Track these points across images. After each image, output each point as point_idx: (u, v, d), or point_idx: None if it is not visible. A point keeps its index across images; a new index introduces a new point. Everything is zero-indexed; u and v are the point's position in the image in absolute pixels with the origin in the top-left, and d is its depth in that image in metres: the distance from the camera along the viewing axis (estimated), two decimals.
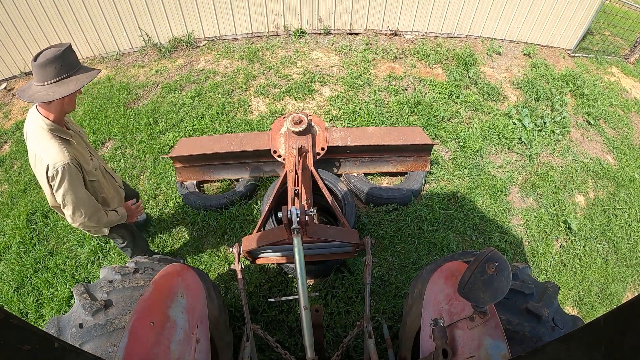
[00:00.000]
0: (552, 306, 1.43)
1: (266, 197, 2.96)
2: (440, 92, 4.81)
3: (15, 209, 3.65)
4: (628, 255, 3.69)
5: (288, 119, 2.95)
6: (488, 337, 1.25)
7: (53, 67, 1.77)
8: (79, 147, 2.09)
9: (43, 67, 1.76)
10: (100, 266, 3.15)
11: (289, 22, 5.63)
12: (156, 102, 4.61)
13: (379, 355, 1.99)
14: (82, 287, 1.48)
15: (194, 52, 5.46)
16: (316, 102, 4.63)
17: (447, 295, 1.54)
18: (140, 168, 3.90)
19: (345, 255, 2.58)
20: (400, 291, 2.96)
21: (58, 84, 1.81)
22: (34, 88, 1.81)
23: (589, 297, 3.34)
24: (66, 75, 1.83)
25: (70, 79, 1.85)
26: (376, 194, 3.36)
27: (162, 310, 1.38)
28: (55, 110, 1.91)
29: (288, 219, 1.87)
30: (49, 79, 1.79)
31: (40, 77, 1.79)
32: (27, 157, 4.14)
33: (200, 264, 3.13)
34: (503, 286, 1.15)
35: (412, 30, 5.88)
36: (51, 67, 1.77)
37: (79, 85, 1.84)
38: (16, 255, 3.27)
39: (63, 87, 1.82)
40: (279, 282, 2.98)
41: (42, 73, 1.78)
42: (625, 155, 4.63)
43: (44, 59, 1.76)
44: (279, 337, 2.68)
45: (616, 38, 6.88)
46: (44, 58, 1.77)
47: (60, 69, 1.80)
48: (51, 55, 1.77)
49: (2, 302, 3.01)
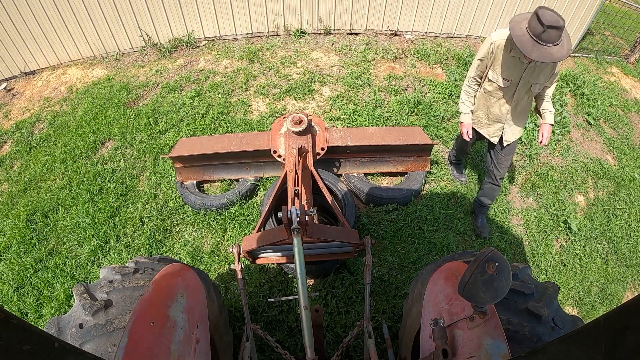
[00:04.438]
0: (552, 306, 1.43)
1: (266, 197, 2.96)
2: (441, 92, 4.81)
3: (15, 209, 3.65)
4: (628, 255, 3.69)
5: (288, 119, 2.95)
6: (488, 337, 1.25)
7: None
8: None
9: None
10: (100, 266, 3.15)
11: (289, 22, 5.63)
12: (156, 102, 4.61)
13: (379, 355, 1.99)
14: (82, 287, 1.48)
15: (194, 52, 5.46)
16: (316, 102, 4.63)
17: (447, 295, 1.54)
18: (140, 168, 3.90)
19: (345, 255, 2.58)
20: (400, 291, 2.96)
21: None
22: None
23: (589, 297, 3.34)
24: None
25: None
26: (376, 194, 3.36)
27: (162, 310, 1.38)
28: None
29: (288, 219, 1.87)
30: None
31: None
32: (27, 157, 4.17)
33: (200, 264, 3.13)
34: (503, 286, 1.15)
35: (412, 30, 5.88)
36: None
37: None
38: (16, 255, 3.27)
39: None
40: (279, 282, 2.98)
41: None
42: (625, 155, 4.63)
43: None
44: (279, 337, 2.68)
45: (616, 38, 6.88)
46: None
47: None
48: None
49: (2, 302, 3.01)
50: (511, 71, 2.53)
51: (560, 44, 2.18)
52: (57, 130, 4.46)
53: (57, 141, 4.30)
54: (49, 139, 4.37)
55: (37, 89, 5.19)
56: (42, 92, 5.12)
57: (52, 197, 3.69)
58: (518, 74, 2.52)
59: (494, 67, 2.61)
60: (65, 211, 3.56)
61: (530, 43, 2.20)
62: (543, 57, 2.18)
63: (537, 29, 2.15)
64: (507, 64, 2.52)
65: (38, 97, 5.06)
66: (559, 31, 2.12)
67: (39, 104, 4.94)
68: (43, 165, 4.04)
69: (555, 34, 2.13)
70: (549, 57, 2.17)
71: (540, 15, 2.13)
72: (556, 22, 2.10)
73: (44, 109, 4.85)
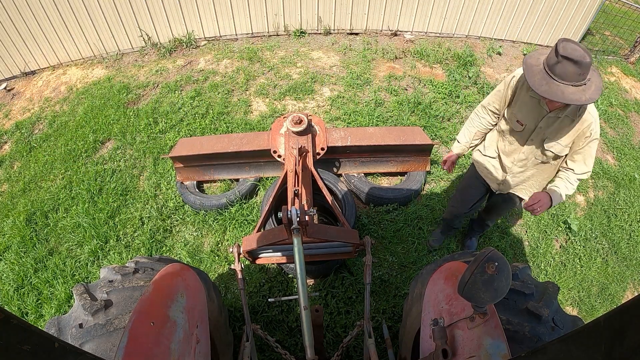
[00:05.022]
0: (552, 306, 1.43)
1: (266, 197, 2.96)
2: (440, 92, 4.81)
3: (15, 209, 3.65)
4: (628, 255, 3.69)
5: (288, 119, 2.95)
6: (488, 337, 1.25)
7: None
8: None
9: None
10: (100, 266, 3.15)
11: (289, 22, 5.63)
12: (156, 102, 4.61)
13: (379, 355, 1.99)
14: (82, 287, 1.48)
15: (194, 52, 5.46)
16: (316, 102, 4.63)
17: (447, 295, 1.54)
18: (140, 168, 3.90)
19: (345, 255, 2.58)
20: (400, 291, 2.96)
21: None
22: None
23: (589, 297, 3.33)
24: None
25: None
26: (376, 194, 3.36)
27: (162, 310, 1.38)
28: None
29: (288, 219, 1.87)
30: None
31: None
32: (27, 157, 4.17)
33: (200, 264, 3.13)
34: (503, 286, 1.15)
35: (412, 30, 5.88)
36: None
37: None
38: (16, 255, 3.27)
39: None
40: (279, 282, 2.98)
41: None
42: (625, 155, 4.63)
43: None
44: (279, 337, 2.68)
45: (616, 38, 6.87)
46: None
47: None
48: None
49: (2, 302, 3.00)
50: (527, 115, 2.05)
51: (582, 87, 1.70)
52: (57, 130, 4.46)
53: (57, 141, 4.30)
54: (49, 139, 4.37)
55: (37, 89, 5.19)
56: (42, 92, 5.12)
57: (52, 197, 3.69)
58: (535, 120, 2.03)
59: (512, 104, 2.14)
60: (65, 211, 3.56)
61: (540, 74, 1.77)
62: (550, 94, 1.73)
63: (551, 60, 1.74)
64: (525, 104, 2.04)
65: (38, 97, 5.06)
66: (578, 68, 1.66)
67: (39, 104, 4.93)
68: (43, 165, 4.04)
69: (573, 69, 1.67)
70: (559, 95, 1.71)
71: (559, 44, 1.70)
72: (577, 55, 1.65)
73: (44, 109, 4.85)
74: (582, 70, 1.67)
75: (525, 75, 1.82)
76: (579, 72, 1.68)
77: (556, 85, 1.73)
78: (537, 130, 2.06)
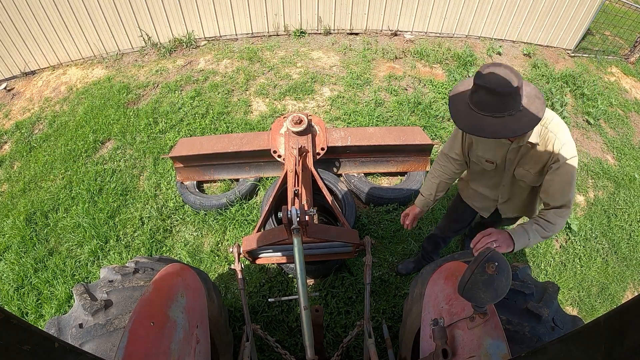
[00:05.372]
0: (552, 306, 1.43)
1: (266, 197, 2.96)
2: (441, 92, 4.81)
3: (15, 209, 3.65)
4: (628, 255, 3.69)
5: (288, 119, 2.95)
6: (488, 337, 1.25)
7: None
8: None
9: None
10: (100, 266, 3.15)
11: (289, 22, 5.63)
12: (156, 102, 4.61)
13: (379, 355, 1.99)
14: (82, 287, 1.48)
15: (194, 52, 5.46)
16: (316, 102, 4.63)
17: (447, 295, 1.54)
18: (140, 168, 3.90)
19: (345, 255, 2.58)
20: (400, 291, 2.96)
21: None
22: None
23: (589, 297, 3.33)
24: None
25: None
26: (376, 194, 3.36)
27: (162, 310, 1.38)
28: None
29: (288, 219, 1.87)
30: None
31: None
32: (27, 157, 4.17)
33: (200, 264, 3.13)
34: (503, 286, 1.15)
35: (412, 30, 5.88)
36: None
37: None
38: (16, 255, 3.27)
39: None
40: (279, 282, 2.98)
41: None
42: (625, 155, 4.63)
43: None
44: (279, 337, 2.68)
45: (616, 38, 6.87)
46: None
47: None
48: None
49: (2, 302, 3.01)
50: (493, 152, 1.82)
51: (507, 118, 1.45)
52: (57, 130, 4.46)
53: (57, 141, 4.30)
54: (49, 139, 4.37)
55: (37, 89, 5.19)
56: (42, 92, 5.12)
57: (52, 197, 3.69)
58: (501, 155, 1.79)
59: (474, 146, 1.90)
60: (65, 211, 3.56)
61: (463, 104, 1.53)
62: (468, 126, 1.51)
63: (471, 88, 1.50)
64: (486, 142, 1.81)
65: (38, 97, 5.06)
66: (496, 97, 1.41)
67: (39, 104, 4.93)
68: (43, 165, 4.04)
69: (490, 99, 1.42)
70: (477, 128, 1.48)
71: (480, 69, 1.47)
72: (495, 83, 1.39)
73: (44, 109, 4.85)
74: (502, 100, 1.41)
75: (449, 105, 1.60)
76: (498, 102, 1.42)
77: (475, 117, 1.49)
78: (507, 164, 1.83)
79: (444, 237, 2.70)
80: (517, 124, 1.44)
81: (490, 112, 1.45)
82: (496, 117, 1.45)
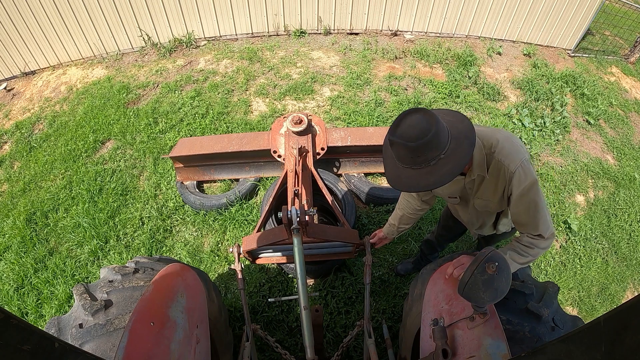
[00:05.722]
0: (552, 306, 1.43)
1: (266, 197, 2.96)
2: (440, 92, 4.81)
3: (15, 209, 3.65)
4: (628, 255, 3.69)
5: (288, 119, 2.95)
6: (488, 337, 1.25)
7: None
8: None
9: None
10: (100, 266, 3.15)
11: (289, 22, 5.63)
12: (156, 102, 4.61)
13: (379, 355, 1.99)
14: (82, 287, 1.48)
15: (194, 52, 5.46)
16: (316, 102, 4.63)
17: (447, 295, 1.54)
18: (140, 168, 3.90)
19: (345, 255, 2.58)
20: (400, 291, 2.96)
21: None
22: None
23: (589, 297, 3.33)
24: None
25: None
26: (376, 194, 3.36)
27: (162, 310, 1.38)
28: None
29: (288, 219, 1.87)
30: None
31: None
32: (27, 157, 4.17)
33: (200, 264, 3.13)
34: (503, 286, 1.15)
35: (412, 30, 5.88)
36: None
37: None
38: (16, 255, 3.27)
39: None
40: (279, 282, 2.98)
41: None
42: (625, 155, 4.63)
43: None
44: (279, 337, 2.68)
45: (616, 38, 6.88)
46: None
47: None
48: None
49: (2, 302, 3.01)
50: (452, 188, 1.74)
51: (426, 169, 1.34)
52: (57, 130, 4.46)
53: (57, 141, 4.30)
54: (49, 139, 4.37)
55: (37, 89, 5.19)
56: (42, 92, 5.12)
57: (52, 197, 3.69)
58: (459, 189, 1.73)
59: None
60: (65, 211, 3.56)
61: (389, 152, 1.43)
62: (391, 178, 1.44)
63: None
64: None
65: (38, 97, 5.06)
66: (409, 151, 1.31)
67: (39, 104, 4.93)
68: (43, 165, 4.04)
69: (407, 153, 1.32)
70: (397, 180, 1.41)
71: (395, 121, 1.33)
72: (407, 136, 1.29)
73: (44, 109, 4.85)
74: (417, 152, 1.30)
75: (383, 150, 1.51)
76: (414, 155, 1.32)
77: (397, 168, 1.41)
78: (469, 197, 1.75)
79: (439, 243, 2.72)
80: (436, 175, 1.33)
81: (408, 164, 1.36)
82: (414, 169, 1.36)
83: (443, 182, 1.32)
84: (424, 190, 1.36)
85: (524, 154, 1.47)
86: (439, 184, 1.33)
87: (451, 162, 1.32)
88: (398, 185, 1.42)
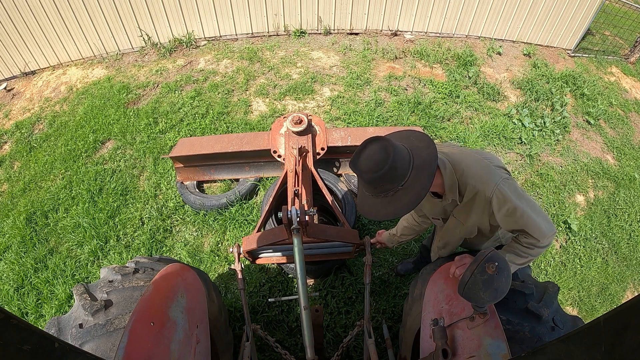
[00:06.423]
0: (552, 306, 1.43)
1: (266, 197, 2.96)
2: (440, 92, 4.81)
3: (15, 209, 3.65)
4: (628, 255, 3.69)
5: (288, 119, 2.95)
6: (488, 337, 1.25)
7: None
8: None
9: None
10: (100, 266, 3.15)
11: (289, 22, 5.63)
12: (156, 102, 4.61)
13: (379, 355, 1.99)
14: (82, 287, 1.48)
15: (194, 52, 5.46)
16: (316, 102, 4.62)
17: (447, 295, 1.54)
18: (140, 168, 3.90)
19: (345, 255, 2.58)
20: (400, 291, 2.96)
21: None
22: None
23: (589, 297, 3.33)
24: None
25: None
26: None
27: (162, 310, 1.38)
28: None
29: (288, 219, 1.87)
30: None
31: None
32: (27, 157, 4.17)
33: (200, 264, 3.13)
34: (503, 286, 1.15)
35: (412, 30, 5.88)
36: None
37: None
38: (16, 255, 3.27)
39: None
40: (279, 282, 2.98)
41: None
42: (625, 155, 4.63)
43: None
44: (279, 337, 2.68)
45: (616, 38, 6.88)
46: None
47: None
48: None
49: (2, 302, 3.01)
50: (434, 210, 1.76)
51: (386, 199, 1.37)
52: (57, 130, 4.46)
53: (57, 141, 4.30)
54: (49, 139, 4.37)
55: (37, 89, 5.19)
56: (42, 92, 5.12)
57: (52, 197, 3.69)
58: (441, 211, 1.74)
59: (419, 208, 1.86)
60: (65, 211, 3.56)
61: (360, 180, 1.42)
62: (359, 204, 1.48)
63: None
64: (426, 201, 1.74)
65: (38, 97, 5.06)
66: (371, 182, 1.33)
67: (39, 104, 4.93)
68: (43, 165, 4.04)
69: (367, 183, 1.35)
70: (363, 207, 1.45)
71: (356, 151, 1.37)
72: (365, 168, 1.32)
73: (44, 109, 4.85)
74: (376, 183, 1.32)
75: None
76: (374, 185, 1.34)
77: (364, 195, 1.44)
78: (450, 219, 1.74)
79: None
80: (395, 205, 1.35)
81: (370, 192, 1.39)
82: (377, 197, 1.38)
83: (401, 212, 1.35)
84: (383, 219, 1.39)
85: (498, 175, 1.44)
86: (398, 214, 1.35)
87: (410, 193, 1.33)
88: (361, 211, 1.46)
